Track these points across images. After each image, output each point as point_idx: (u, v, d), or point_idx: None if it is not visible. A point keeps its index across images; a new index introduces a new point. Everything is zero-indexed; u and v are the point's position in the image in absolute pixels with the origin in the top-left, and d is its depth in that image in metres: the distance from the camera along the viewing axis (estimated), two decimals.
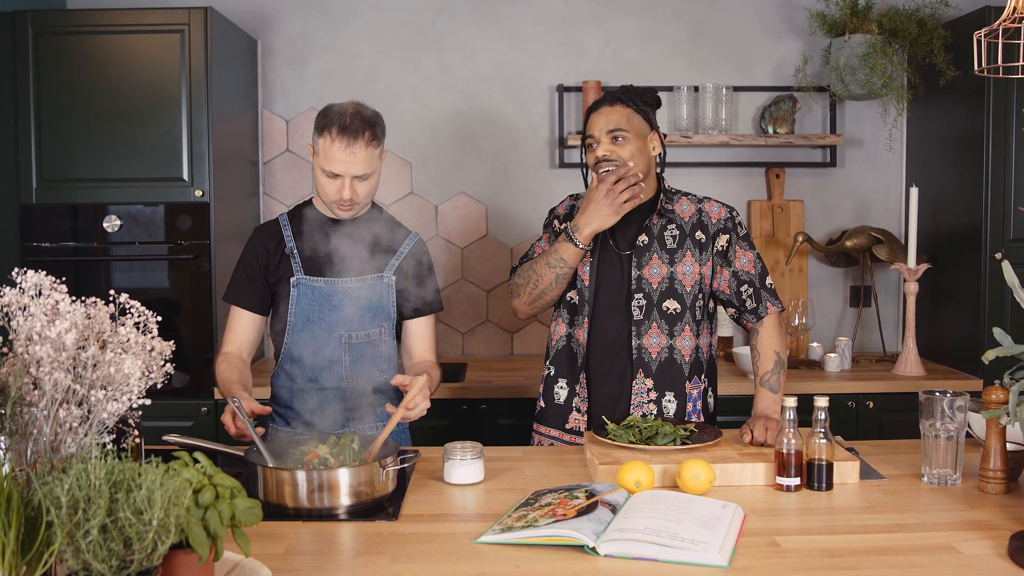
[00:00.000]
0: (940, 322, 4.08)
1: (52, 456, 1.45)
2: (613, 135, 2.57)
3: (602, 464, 2.20)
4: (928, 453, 2.21)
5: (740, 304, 2.63)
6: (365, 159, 2.47)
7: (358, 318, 2.60)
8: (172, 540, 1.33)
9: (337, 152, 2.44)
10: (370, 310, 2.61)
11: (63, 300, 1.49)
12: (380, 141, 2.52)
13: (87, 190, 3.64)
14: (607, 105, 2.60)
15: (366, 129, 2.46)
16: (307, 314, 2.58)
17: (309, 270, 2.59)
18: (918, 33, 3.91)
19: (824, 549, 1.78)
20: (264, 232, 2.68)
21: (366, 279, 2.61)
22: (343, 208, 2.55)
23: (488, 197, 4.32)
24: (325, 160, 2.47)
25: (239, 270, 2.66)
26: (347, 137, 2.44)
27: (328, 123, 2.46)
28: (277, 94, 4.28)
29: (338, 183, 2.49)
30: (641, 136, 2.59)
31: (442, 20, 4.29)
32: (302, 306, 2.58)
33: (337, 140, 2.44)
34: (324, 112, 2.50)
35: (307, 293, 2.58)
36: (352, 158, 2.45)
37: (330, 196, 2.52)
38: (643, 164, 2.60)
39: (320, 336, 2.58)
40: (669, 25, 4.31)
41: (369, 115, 2.50)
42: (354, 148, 2.45)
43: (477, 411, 3.65)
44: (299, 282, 2.58)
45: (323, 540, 1.87)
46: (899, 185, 4.38)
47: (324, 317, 2.58)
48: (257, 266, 2.63)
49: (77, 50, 3.61)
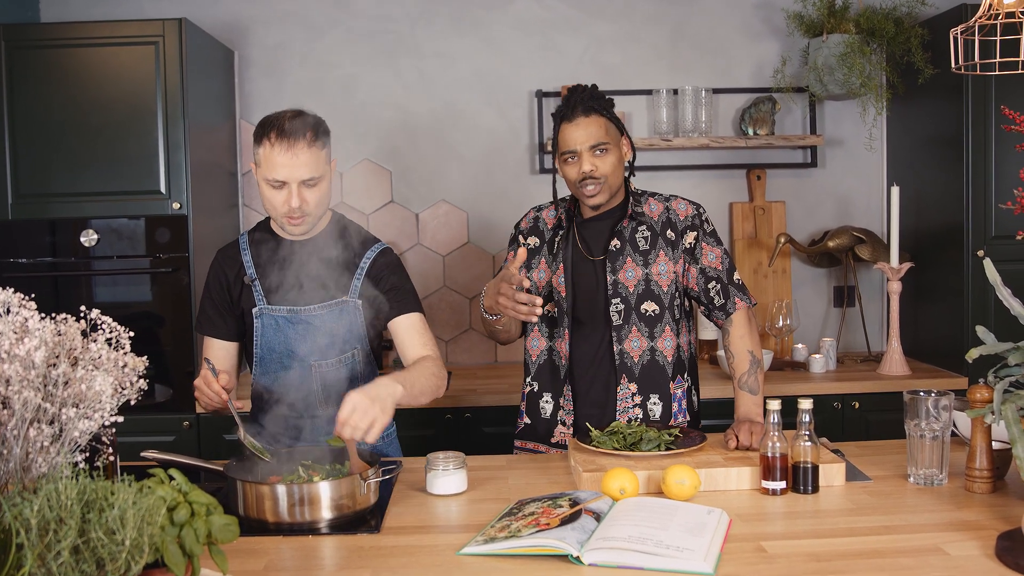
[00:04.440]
0: (924, 321, 4.08)
1: (23, 476, 1.42)
2: (595, 149, 2.52)
3: (586, 471, 2.18)
4: (914, 454, 2.20)
5: (708, 301, 2.61)
6: (309, 161, 2.34)
7: (326, 346, 2.49)
8: (147, 559, 1.30)
9: (278, 156, 2.32)
10: (338, 336, 2.50)
11: (32, 317, 1.46)
12: (324, 143, 2.39)
13: (64, 204, 3.60)
14: (582, 116, 2.52)
15: (306, 130, 2.34)
16: (272, 345, 2.50)
17: (271, 299, 2.49)
18: (895, 32, 3.91)
19: (811, 553, 1.77)
20: (224, 257, 2.57)
21: (328, 305, 2.49)
22: (293, 221, 2.40)
23: (469, 204, 4.30)
24: (268, 168, 2.34)
25: (205, 299, 2.57)
26: (287, 140, 2.31)
27: (266, 130, 2.35)
28: (255, 105, 4.25)
29: (284, 193, 2.36)
30: (617, 144, 2.56)
31: (420, 27, 4.27)
32: (267, 337, 2.50)
33: (277, 144, 2.31)
34: (261, 122, 2.39)
35: (271, 324, 2.49)
36: (295, 160, 2.32)
37: (279, 209, 2.39)
38: (620, 174, 2.58)
39: (289, 366, 2.50)
40: (647, 28, 4.30)
41: (309, 117, 2.39)
42: (295, 150, 2.31)
43: (461, 420, 3.62)
44: (261, 312, 2.49)
45: (304, 555, 1.84)
46: (880, 184, 4.38)
47: (291, 348, 2.49)
48: (222, 293, 2.54)
49: (51, 63, 3.58)
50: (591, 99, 2.54)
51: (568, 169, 2.56)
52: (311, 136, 2.35)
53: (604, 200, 2.57)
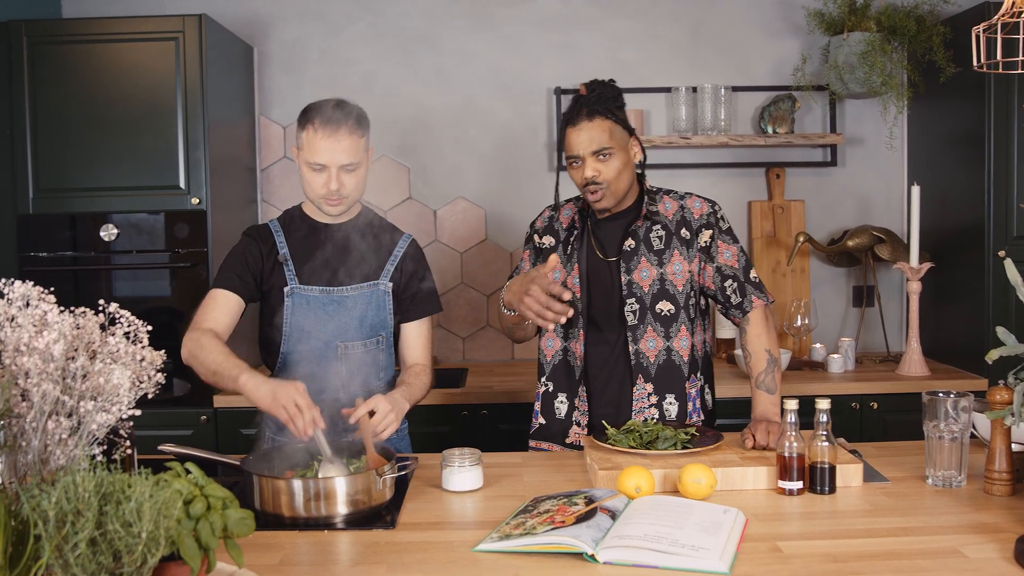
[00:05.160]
0: (944, 321, 4.05)
1: (41, 468, 1.43)
2: (598, 154, 2.50)
3: (602, 469, 2.18)
4: (932, 455, 2.18)
5: (725, 300, 2.60)
6: (349, 147, 2.45)
7: (354, 328, 2.56)
8: (162, 552, 1.30)
9: (321, 141, 2.43)
10: (367, 319, 2.57)
11: (51, 311, 1.47)
12: (364, 132, 2.51)
13: (84, 199, 3.63)
14: (586, 120, 2.50)
15: (348, 118, 2.46)
16: (302, 324, 2.54)
17: (303, 278, 2.56)
18: (917, 30, 3.89)
19: (827, 554, 1.76)
20: (257, 234, 2.62)
21: (362, 287, 2.58)
22: (331, 203, 2.51)
23: (487, 201, 4.30)
24: (310, 152, 2.46)
25: (230, 259, 2.57)
26: (330, 126, 2.43)
27: (310, 116, 2.47)
28: (274, 100, 4.26)
29: (324, 176, 2.47)
30: (623, 147, 2.53)
31: (439, 24, 4.27)
32: (297, 316, 2.54)
33: (320, 130, 2.43)
34: (305, 109, 2.51)
35: (302, 303, 2.54)
36: (336, 146, 2.43)
37: (317, 191, 2.49)
38: (628, 177, 2.56)
39: (316, 346, 2.54)
40: (667, 26, 4.29)
41: (352, 107, 2.50)
42: (338, 136, 2.43)
43: (477, 417, 3.62)
44: (293, 291, 2.55)
45: (320, 550, 1.85)
46: (901, 183, 4.35)
47: (320, 327, 2.54)
48: (250, 260, 2.56)
49: (72, 59, 3.59)
50: (596, 102, 2.51)
51: (574, 173, 2.56)
52: (353, 124, 2.46)
53: (609, 205, 2.56)
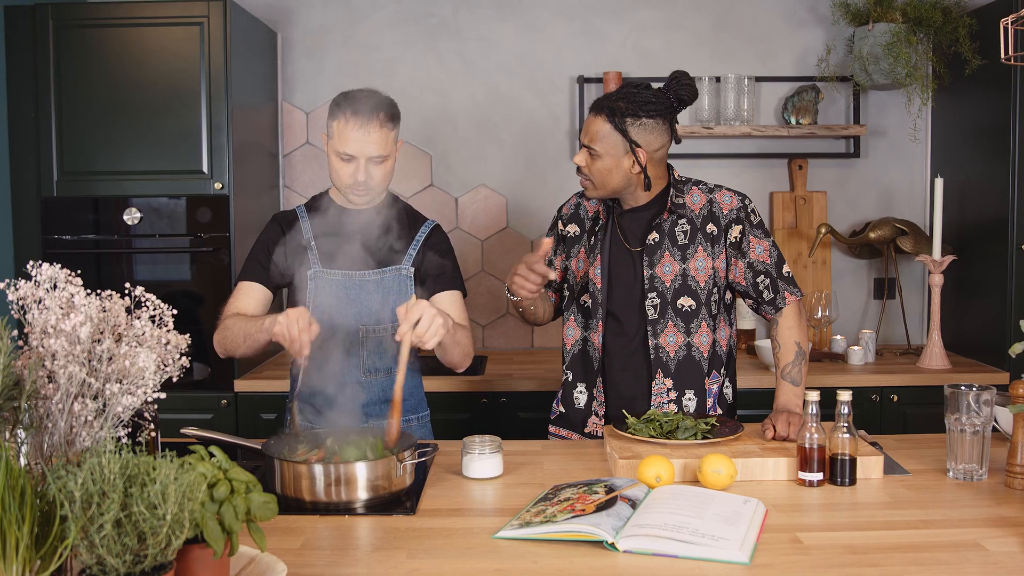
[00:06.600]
0: (965, 314, 4.03)
1: (67, 450, 1.44)
2: (589, 148, 2.49)
3: (622, 458, 2.18)
4: (953, 448, 2.17)
5: (757, 295, 2.58)
6: (379, 140, 2.46)
7: (376, 312, 2.58)
8: (186, 535, 1.31)
9: (351, 132, 2.44)
10: (388, 303, 2.58)
11: (78, 293, 1.48)
12: (394, 125, 2.51)
13: (107, 183, 3.65)
14: (591, 113, 2.51)
15: (380, 110, 2.46)
16: (324, 307, 2.55)
17: (327, 262, 2.57)
18: (943, 21, 3.85)
19: (847, 546, 1.76)
20: (283, 220, 2.66)
21: (384, 272, 2.59)
22: (357, 193, 2.53)
23: (509, 189, 4.30)
24: (339, 142, 2.46)
25: (256, 249, 2.62)
26: (361, 117, 2.44)
27: (342, 106, 2.47)
28: (297, 86, 4.27)
29: (352, 166, 2.48)
30: (615, 155, 2.47)
31: (462, 11, 4.27)
32: (320, 299, 2.56)
33: (351, 120, 2.44)
34: (337, 97, 2.51)
35: (325, 286, 2.56)
36: (366, 137, 2.44)
37: (344, 180, 2.51)
38: (618, 179, 2.51)
39: (338, 330, 2.56)
40: (691, 15, 4.27)
41: (383, 98, 2.50)
42: (368, 128, 2.44)
43: (497, 404, 3.63)
44: (317, 275, 2.56)
45: (340, 535, 1.86)
46: (924, 176, 4.32)
47: (342, 311, 2.56)
48: (275, 248, 2.60)
49: (97, 43, 3.61)
50: (607, 99, 2.50)
51: None
52: (383, 117, 2.47)
53: (595, 196, 2.57)
